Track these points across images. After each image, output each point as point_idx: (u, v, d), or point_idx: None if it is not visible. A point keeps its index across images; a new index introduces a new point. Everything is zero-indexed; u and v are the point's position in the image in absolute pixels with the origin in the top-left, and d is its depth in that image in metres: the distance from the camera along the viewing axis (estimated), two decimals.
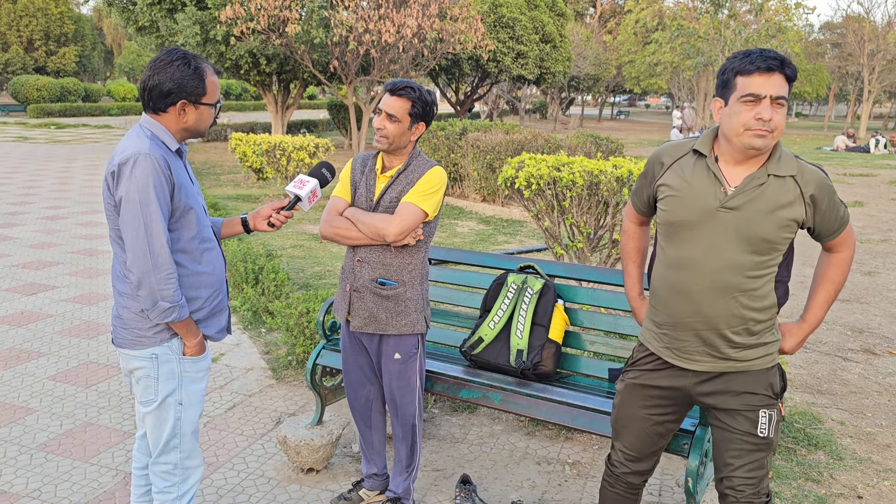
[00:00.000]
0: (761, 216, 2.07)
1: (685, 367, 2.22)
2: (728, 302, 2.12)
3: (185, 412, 2.36)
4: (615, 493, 2.46)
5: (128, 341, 2.29)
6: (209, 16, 15.69)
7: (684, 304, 2.17)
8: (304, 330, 4.52)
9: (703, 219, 2.11)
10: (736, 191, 2.08)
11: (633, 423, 2.36)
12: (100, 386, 4.36)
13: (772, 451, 2.22)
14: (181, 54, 2.21)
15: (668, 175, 2.21)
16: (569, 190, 5.41)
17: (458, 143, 11.91)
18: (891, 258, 8.79)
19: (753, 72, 2.00)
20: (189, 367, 2.34)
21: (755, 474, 2.20)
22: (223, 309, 2.46)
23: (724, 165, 2.13)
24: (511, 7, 23.26)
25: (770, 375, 2.20)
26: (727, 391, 2.20)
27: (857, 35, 38.95)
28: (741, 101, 2.02)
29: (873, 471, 3.56)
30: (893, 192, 15.30)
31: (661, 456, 2.45)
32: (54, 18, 41.36)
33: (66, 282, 6.65)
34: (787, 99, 2.02)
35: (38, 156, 17.92)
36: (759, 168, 2.09)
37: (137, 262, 2.13)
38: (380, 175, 2.85)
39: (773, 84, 1.99)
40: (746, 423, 2.18)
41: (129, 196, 2.11)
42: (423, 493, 3.29)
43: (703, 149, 2.15)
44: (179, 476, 2.40)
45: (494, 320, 3.25)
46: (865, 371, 4.95)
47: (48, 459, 3.49)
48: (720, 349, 2.17)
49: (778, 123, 2.01)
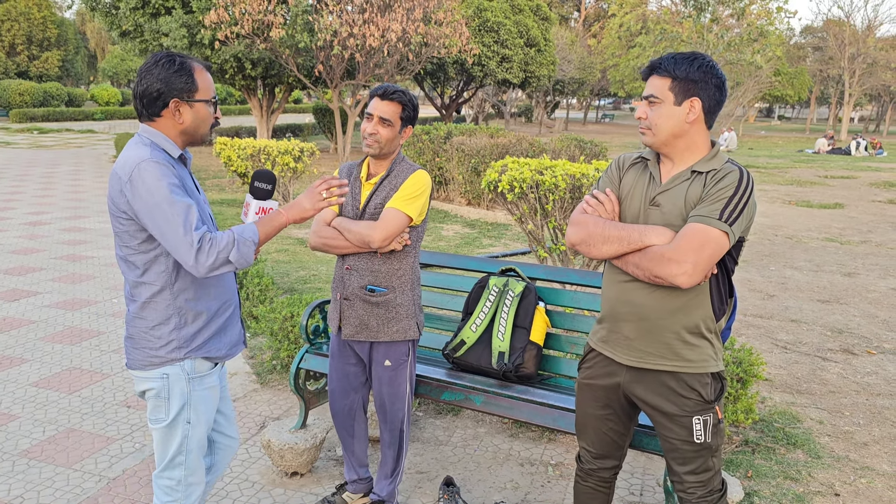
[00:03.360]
0: (677, 212, 2.12)
1: (619, 361, 2.26)
2: (652, 300, 2.17)
3: (192, 430, 2.32)
4: (588, 488, 2.50)
5: (139, 363, 2.24)
6: (195, 19, 15.66)
7: (620, 298, 2.24)
8: (288, 334, 4.53)
9: (637, 215, 2.20)
10: (662, 188, 2.16)
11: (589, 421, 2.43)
12: (83, 392, 4.35)
13: (715, 452, 2.24)
14: (165, 54, 2.16)
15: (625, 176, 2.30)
16: (551, 193, 5.46)
17: (443, 147, 11.95)
18: (870, 259, 8.91)
19: (645, 79, 2.18)
20: (198, 386, 2.30)
21: (702, 477, 2.24)
22: (235, 322, 2.39)
23: (663, 165, 2.22)
24: (495, 11, 23.36)
25: (700, 380, 2.18)
26: (657, 394, 2.21)
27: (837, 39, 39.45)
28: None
29: (850, 469, 3.62)
30: (873, 194, 15.50)
31: (627, 449, 2.48)
32: (37, 23, 41.04)
33: (50, 287, 6.61)
34: (656, 97, 2.13)
35: (21, 161, 17.79)
36: (686, 167, 2.16)
37: (186, 259, 2.04)
38: (365, 182, 2.88)
39: (649, 86, 2.16)
40: (682, 430, 2.20)
41: (149, 200, 2.04)
42: (406, 496, 3.31)
43: (649, 155, 2.27)
44: (182, 492, 2.37)
45: (476, 323, 3.28)
46: (844, 371, 5.02)
47: (31, 466, 3.48)
48: (651, 347, 2.19)
49: (652, 121, 2.14)
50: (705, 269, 2.03)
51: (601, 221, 2.19)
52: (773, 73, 36.06)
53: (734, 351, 3.78)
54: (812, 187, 16.50)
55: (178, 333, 2.21)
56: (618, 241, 2.13)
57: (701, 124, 2.13)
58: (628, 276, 2.19)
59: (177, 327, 2.21)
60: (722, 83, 2.12)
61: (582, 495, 2.52)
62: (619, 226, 2.16)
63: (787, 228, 11.08)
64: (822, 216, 12.38)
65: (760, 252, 9.18)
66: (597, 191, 2.30)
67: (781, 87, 39.76)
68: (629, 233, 2.12)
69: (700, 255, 2.00)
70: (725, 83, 2.13)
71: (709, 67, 2.09)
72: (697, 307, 2.15)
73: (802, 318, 6.26)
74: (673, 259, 2.02)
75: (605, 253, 2.17)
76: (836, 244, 9.89)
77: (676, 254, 2.02)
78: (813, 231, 10.88)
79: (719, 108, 2.14)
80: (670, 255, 2.03)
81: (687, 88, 2.09)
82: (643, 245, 2.10)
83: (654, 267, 2.06)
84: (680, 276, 2.02)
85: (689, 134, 2.13)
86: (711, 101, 2.11)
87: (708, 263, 2.03)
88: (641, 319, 2.19)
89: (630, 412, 2.37)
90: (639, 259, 2.10)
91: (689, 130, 2.12)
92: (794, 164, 22.87)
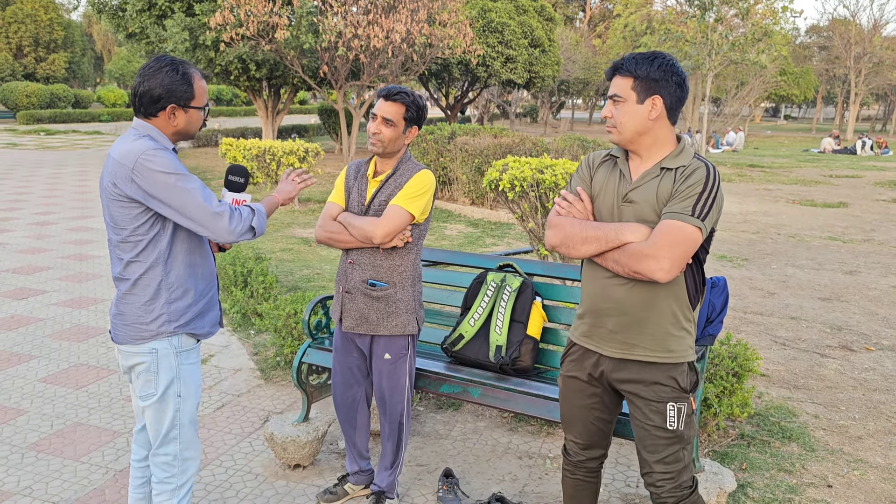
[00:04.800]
0: (650, 207, 2.19)
1: (604, 354, 2.32)
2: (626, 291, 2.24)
3: (183, 404, 2.47)
4: (576, 480, 2.56)
5: (128, 337, 2.38)
6: (198, 22, 15.75)
7: (601, 294, 2.30)
8: (291, 331, 4.60)
9: (612, 212, 2.27)
10: (633, 185, 2.23)
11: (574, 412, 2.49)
12: (90, 387, 4.43)
13: (686, 443, 2.30)
14: (169, 60, 2.33)
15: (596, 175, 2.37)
16: (552, 192, 5.52)
17: (447, 147, 12.02)
18: (872, 258, 8.94)
19: (609, 78, 2.28)
20: (185, 360, 2.45)
21: (672, 468, 2.30)
22: (215, 303, 2.56)
23: (632, 162, 2.29)
24: (500, 12, 23.41)
25: (679, 370, 2.26)
26: (639, 381, 2.28)
27: (843, 38, 39.32)
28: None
29: (844, 461, 3.67)
30: (878, 194, 15.50)
31: (611, 439, 2.55)
32: (43, 25, 41.25)
33: (57, 286, 6.71)
34: (620, 96, 2.20)
35: (28, 162, 17.93)
36: (654, 164, 2.23)
37: (215, 230, 2.31)
38: (371, 179, 2.96)
39: (613, 85, 2.24)
40: (657, 416, 2.27)
41: (166, 182, 2.23)
42: (406, 487, 3.37)
43: (618, 152, 2.34)
44: (178, 467, 2.51)
45: (474, 318, 3.34)
46: (842, 367, 5.07)
47: (39, 458, 3.56)
48: (636, 339, 2.26)
49: (617, 119, 2.22)
50: (682, 263, 2.11)
51: (577, 222, 2.27)
52: (779, 73, 36.02)
53: (730, 346, 3.83)
54: (816, 186, 16.50)
55: (168, 308, 2.37)
56: (596, 241, 2.21)
57: (664, 121, 2.21)
58: (608, 272, 2.26)
59: (167, 301, 2.37)
60: (682, 80, 2.19)
61: (570, 488, 2.58)
62: (595, 225, 2.24)
63: (790, 227, 11.11)
64: (825, 215, 12.40)
65: (762, 251, 9.21)
66: (565, 192, 2.37)
67: (787, 86, 39.67)
68: (606, 231, 2.20)
69: (676, 250, 2.09)
70: (686, 80, 2.21)
71: (669, 66, 2.17)
72: (675, 299, 2.23)
73: (802, 316, 6.30)
74: (651, 255, 2.10)
75: (584, 252, 2.25)
76: (839, 243, 9.91)
77: (654, 250, 2.09)
78: (816, 230, 10.91)
79: (681, 104, 2.22)
80: (648, 251, 2.11)
81: (648, 87, 2.17)
82: (620, 242, 2.17)
83: (633, 263, 2.13)
84: (658, 272, 2.10)
85: (653, 130, 2.21)
86: (673, 98, 2.19)
87: (684, 257, 2.11)
88: (624, 314, 2.26)
89: (615, 399, 2.44)
90: (618, 256, 2.18)
91: (653, 127, 2.20)
92: (799, 163, 22.85)
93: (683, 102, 2.22)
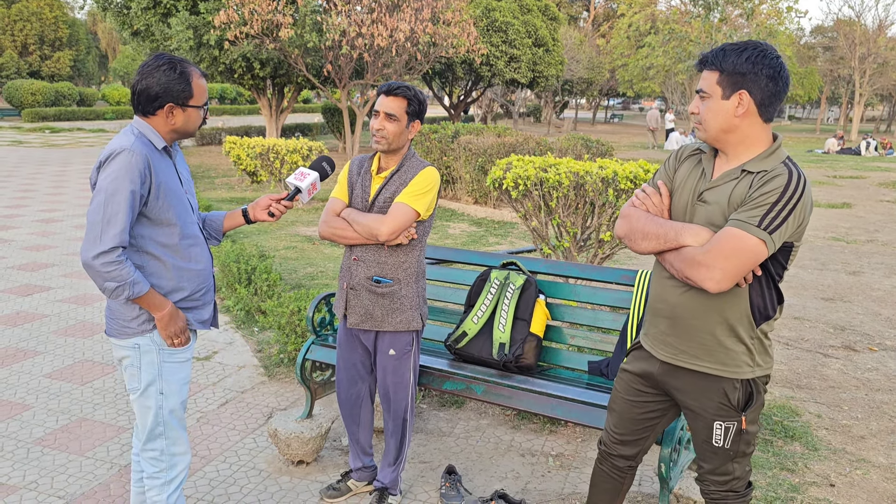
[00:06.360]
0: (720, 210, 2.07)
1: (654, 356, 2.30)
2: (689, 298, 2.16)
3: (165, 401, 2.47)
4: (601, 470, 2.55)
5: (115, 331, 2.41)
6: (202, 20, 15.78)
7: (659, 294, 2.26)
8: (295, 328, 4.61)
9: (685, 209, 2.17)
10: (710, 184, 2.12)
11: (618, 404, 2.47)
12: (95, 383, 4.45)
13: (738, 457, 2.23)
14: (167, 59, 2.32)
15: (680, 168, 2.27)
16: (555, 190, 5.52)
17: (451, 146, 12.03)
18: (876, 258, 8.93)
19: (699, 71, 2.14)
20: (168, 358, 2.44)
21: (720, 478, 2.27)
22: (208, 303, 2.56)
23: (718, 159, 2.16)
24: (504, 11, 23.42)
25: (729, 385, 2.15)
26: (687, 390, 2.23)
27: (848, 39, 39.23)
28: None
29: (847, 461, 3.67)
30: (882, 194, 15.47)
31: (649, 445, 2.49)
32: (49, 23, 41.35)
33: (62, 283, 6.73)
34: (705, 92, 2.08)
35: (33, 160, 17.98)
36: (739, 164, 2.09)
37: (86, 247, 2.21)
38: (375, 176, 2.96)
39: (701, 80, 2.11)
40: (705, 430, 2.23)
41: (101, 185, 2.22)
42: (409, 484, 3.39)
43: (706, 147, 2.23)
44: (167, 462, 2.52)
45: (478, 315, 3.35)
46: (845, 367, 5.07)
47: (44, 453, 3.58)
48: (684, 345, 2.19)
49: (703, 116, 2.10)
50: (735, 276, 1.98)
51: (644, 216, 2.17)
52: None
53: None
54: (820, 187, 16.47)
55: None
56: (655, 239, 2.12)
57: (754, 118, 2.04)
58: (667, 272, 2.19)
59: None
60: (776, 73, 2.01)
61: (597, 475, 2.58)
62: (659, 223, 2.13)
63: None
64: (829, 216, 12.38)
65: None
66: (647, 184, 2.28)
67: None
68: (666, 231, 2.10)
69: (731, 261, 1.96)
70: (781, 72, 2.02)
71: (759, 57, 2.00)
72: (732, 310, 2.11)
73: (805, 316, 6.30)
74: (703, 263, 1.99)
75: (643, 248, 2.16)
76: (843, 243, 9.90)
77: (707, 258, 1.99)
78: (819, 230, 10.89)
79: (777, 99, 2.04)
80: (701, 258, 2.00)
81: (735, 81, 2.02)
82: (678, 244, 2.07)
83: (686, 268, 2.04)
84: (708, 281, 1.99)
85: (741, 129, 2.05)
86: (764, 93, 2.02)
87: (738, 271, 1.98)
88: (674, 317, 2.19)
89: (666, 403, 2.37)
90: (674, 258, 2.09)
91: (740, 125, 2.05)
92: (803, 164, 22.81)
93: (780, 98, 2.04)
